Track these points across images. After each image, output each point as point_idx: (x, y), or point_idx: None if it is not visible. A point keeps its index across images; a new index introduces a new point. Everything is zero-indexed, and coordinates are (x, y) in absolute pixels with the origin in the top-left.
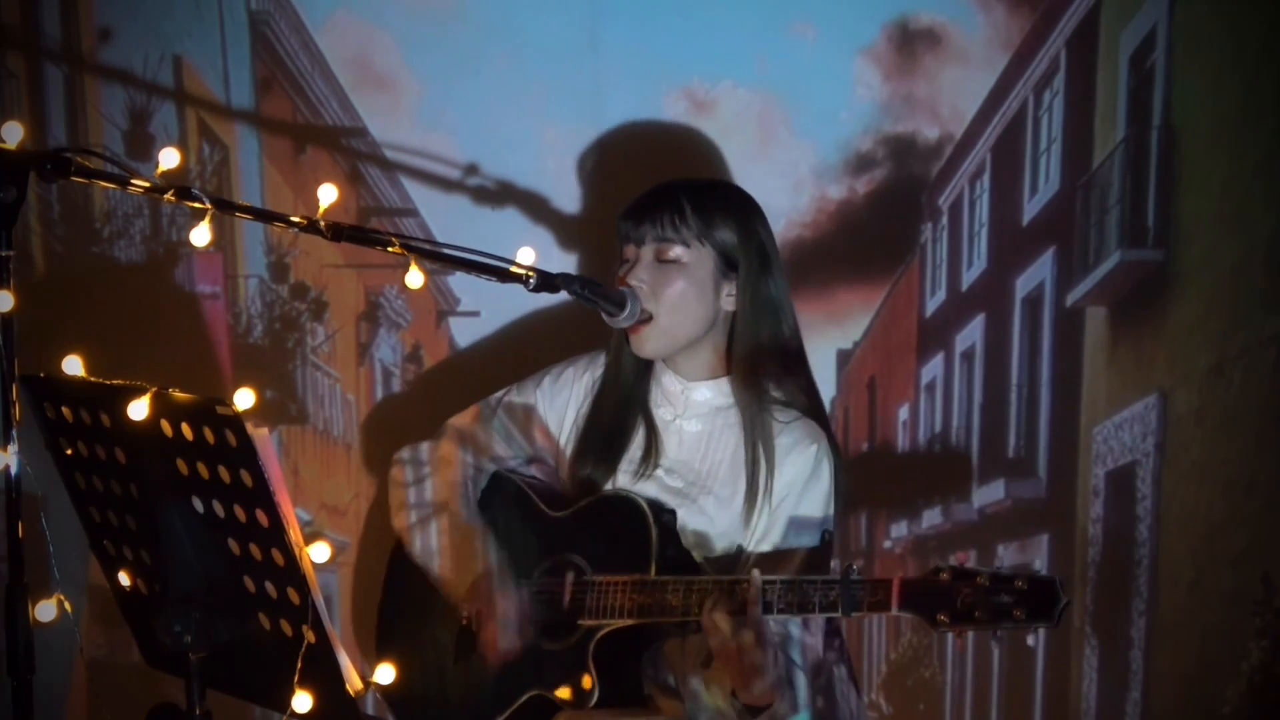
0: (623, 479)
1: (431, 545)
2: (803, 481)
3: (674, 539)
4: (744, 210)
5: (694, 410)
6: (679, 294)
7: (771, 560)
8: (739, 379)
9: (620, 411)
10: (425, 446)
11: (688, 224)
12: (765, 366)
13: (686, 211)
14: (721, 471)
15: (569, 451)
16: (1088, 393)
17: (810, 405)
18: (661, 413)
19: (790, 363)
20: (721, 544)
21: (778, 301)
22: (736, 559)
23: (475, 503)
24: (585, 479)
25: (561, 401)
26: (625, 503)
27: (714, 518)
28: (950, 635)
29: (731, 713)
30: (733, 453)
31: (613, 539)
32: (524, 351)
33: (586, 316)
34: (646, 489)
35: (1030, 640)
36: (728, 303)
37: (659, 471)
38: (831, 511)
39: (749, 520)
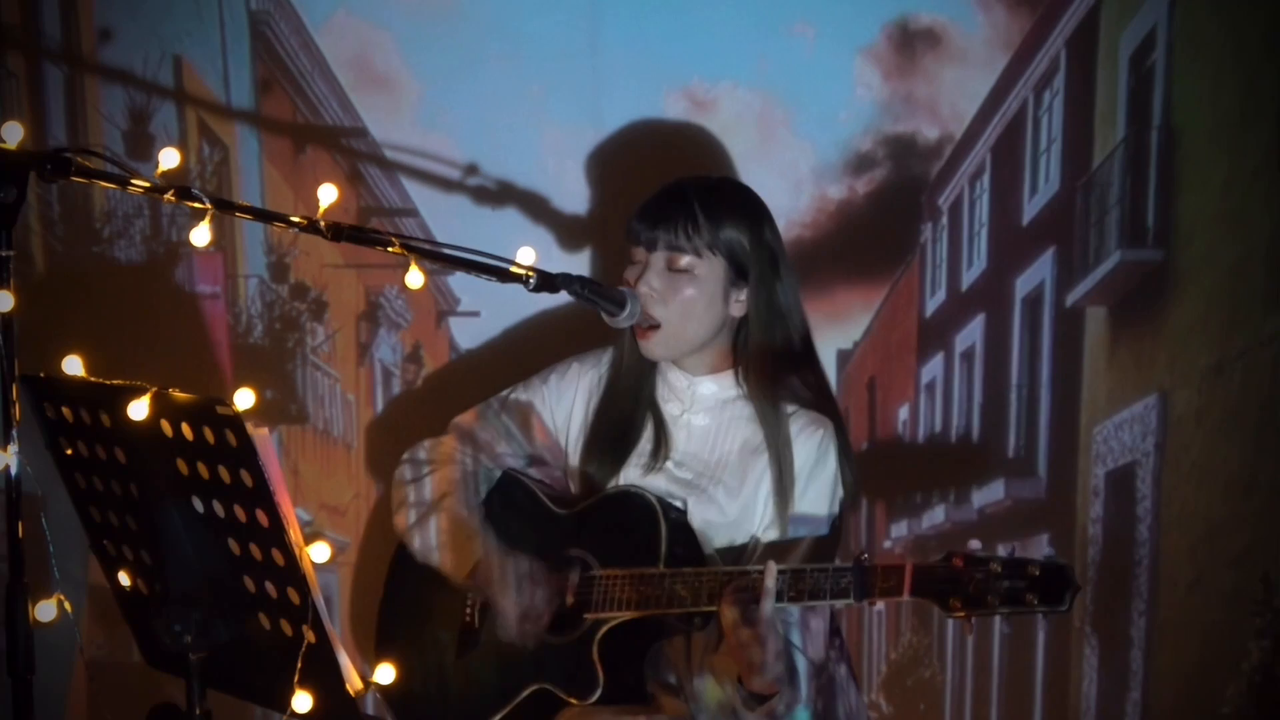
0: (633, 473)
1: (430, 541)
2: (809, 467)
3: (684, 536)
4: (754, 215)
5: (701, 404)
6: (689, 302)
7: (781, 549)
8: (753, 383)
9: (630, 408)
10: (429, 444)
11: (700, 233)
12: (778, 369)
13: (699, 219)
14: (730, 462)
15: (579, 448)
16: (1088, 393)
17: (818, 400)
18: (669, 408)
19: (800, 362)
20: (731, 534)
21: (788, 305)
22: (745, 549)
23: (478, 499)
24: (594, 475)
25: (569, 398)
26: (634, 498)
27: (724, 507)
28: (958, 622)
29: (735, 701)
30: (741, 444)
31: (621, 534)
32: (524, 351)
33: (587, 317)
34: (656, 482)
35: (1037, 624)
36: (736, 308)
37: (669, 464)
38: (841, 496)
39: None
